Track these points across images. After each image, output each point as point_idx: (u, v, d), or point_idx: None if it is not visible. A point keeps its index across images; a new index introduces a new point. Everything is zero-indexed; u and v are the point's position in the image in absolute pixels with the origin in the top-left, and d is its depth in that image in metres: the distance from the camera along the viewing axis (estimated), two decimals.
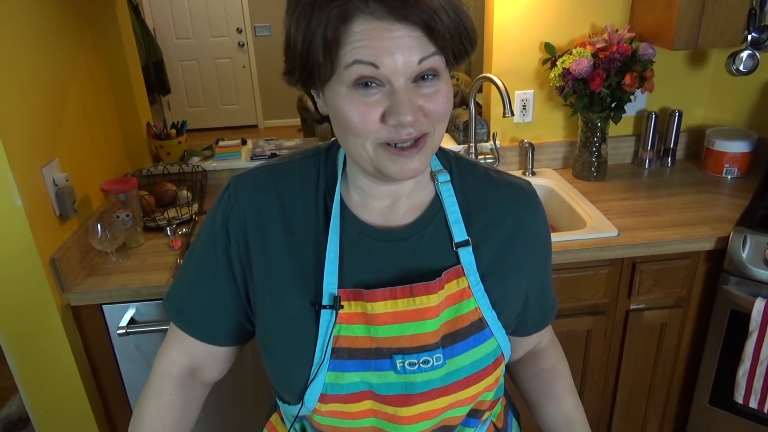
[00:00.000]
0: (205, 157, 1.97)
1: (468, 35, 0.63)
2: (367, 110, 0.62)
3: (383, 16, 0.58)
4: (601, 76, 1.75)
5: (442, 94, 0.64)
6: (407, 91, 0.61)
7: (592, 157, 1.94)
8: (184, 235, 1.66)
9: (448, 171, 0.78)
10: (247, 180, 0.77)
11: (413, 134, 0.63)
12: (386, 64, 0.59)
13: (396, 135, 0.62)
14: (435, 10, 0.58)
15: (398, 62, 0.59)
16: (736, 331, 1.58)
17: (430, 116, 0.64)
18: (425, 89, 0.62)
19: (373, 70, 0.59)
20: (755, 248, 1.51)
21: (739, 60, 1.79)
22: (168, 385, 0.81)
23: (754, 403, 1.57)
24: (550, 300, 0.89)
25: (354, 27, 0.59)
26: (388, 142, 0.64)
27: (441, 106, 0.64)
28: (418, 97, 0.62)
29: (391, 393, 0.73)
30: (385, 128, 0.62)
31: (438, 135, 0.67)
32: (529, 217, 0.79)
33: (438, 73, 0.63)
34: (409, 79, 0.61)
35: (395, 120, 0.61)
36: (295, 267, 0.74)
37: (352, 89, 0.61)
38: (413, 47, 0.59)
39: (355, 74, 0.60)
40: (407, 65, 0.59)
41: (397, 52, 0.59)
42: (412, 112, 0.61)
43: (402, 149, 0.64)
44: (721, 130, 1.99)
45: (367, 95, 0.61)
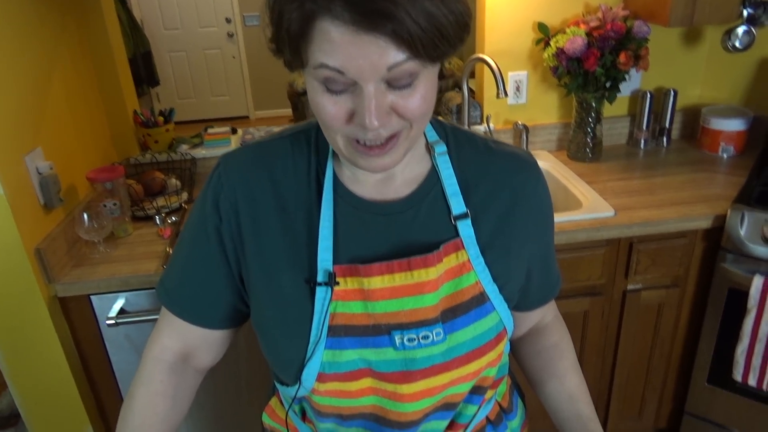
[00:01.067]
0: (194, 144, 1.93)
1: (446, 39, 0.56)
2: (336, 108, 0.59)
3: (348, 21, 0.53)
4: (595, 55, 1.72)
5: (418, 94, 0.59)
6: (377, 95, 0.57)
7: (587, 138, 1.92)
8: (174, 224, 1.63)
9: (445, 142, 0.75)
10: (238, 157, 0.75)
11: (382, 135, 0.60)
12: (352, 71, 0.55)
13: (363, 134, 0.60)
14: (402, 21, 0.52)
15: (365, 69, 0.55)
16: (735, 309, 1.57)
17: (405, 116, 0.60)
18: (400, 90, 0.58)
19: (340, 75, 0.56)
20: (753, 225, 1.50)
21: (735, 36, 1.77)
22: (159, 372, 0.79)
23: (753, 380, 1.56)
24: (554, 274, 0.86)
25: (319, 26, 0.55)
26: (357, 140, 0.61)
27: (416, 107, 0.60)
28: (392, 97, 0.58)
29: (390, 370, 0.71)
30: (352, 126, 0.60)
31: (416, 130, 0.63)
32: (530, 188, 0.77)
33: (416, 74, 0.58)
34: (381, 81, 0.57)
35: (361, 123, 0.58)
36: (288, 244, 0.72)
37: (322, 85, 0.58)
38: (382, 55, 0.54)
39: (322, 75, 0.57)
40: (376, 71, 0.55)
41: (363, 58, 0.54)
42: (379, 116, 0.57)
43: (370, 148, 0.61)
44: (716, 109, 1.97)
45: (335, 94, 0.58)
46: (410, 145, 0.65)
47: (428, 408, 0.75)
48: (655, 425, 1.90)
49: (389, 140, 0.61)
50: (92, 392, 1.55)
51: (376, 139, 0.60)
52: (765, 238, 1.48)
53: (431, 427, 0.78)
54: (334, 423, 0.77)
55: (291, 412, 0.82)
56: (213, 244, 0.74)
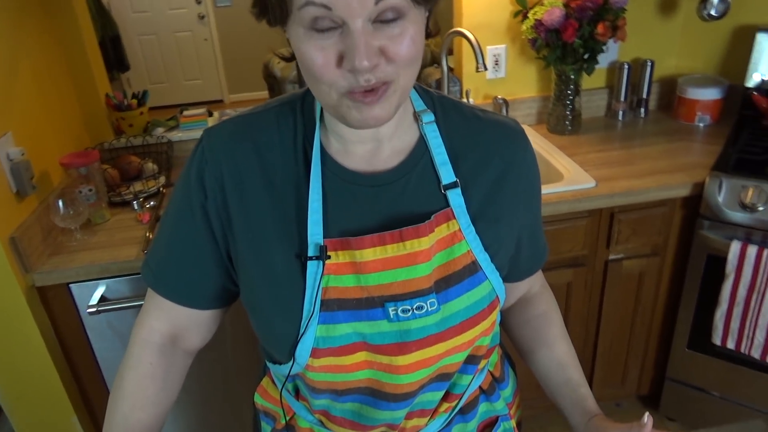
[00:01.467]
0: (169, 127, 1.89)
1: None
2: (324, 54, 0.57)
3: None
4: (573, 26, 1.72)
5: (407, 35, 0.58)
6: (365, 34, 0.55)
7: (566, 110, 1.92)
8: (153, 209, 1.60)
9: (432, 111, 0.74)
10: (221, 131, 0.72)
11: (372, 82, 0.58)
12: (339, 5, 0.54)
13: (354, 82, 0.58)
14: None
15: (352, 3, 0.54)
16: (713, 275, 1.60)
17: (394, 61, 0.58)
18: (388, 30, 0.57)
19: (327, 11, 0.54)
20: (730, 192, 1.52)
21: (711, 4, 1.78)
22: (148, 354, 0.77)
23: (732, 343, 1.60)
24: (541, 244, 0.87)
25: None
26: (350, 90, 0.59)
27: (406, 48, 0.58)
28: (380, 39, 0.57)
29: (385, 342, 0.70)
30: (343, 74, 0.58)
31: (405, 82, 0.61)
32: (519, 156, 0.76)
33: (402, 13, 0.57)
34: (368, 20, 0.55)
35: (350, 65, 0.56)
36: (277, 219, 0.70)
37: (309, 31, 0.57)
38: None
39: (308, 16, 0.55)
40: (363, 5, 0.54)
41: None
42: (368, 56, 0.56)
43: (364, 94, 0.59)
44: (692, 78, 1.99)
45: (323, 38, 0.57)
46: (400, 99, 0.63)
47: (424, 379, 0.74)
48: (638, 392, 1.94)
49: (381, 87, 0.60)
50: (76, 382, 1.53)
51: (367, 85, 0.58)
52: (742, 204, 1.50)
53: (427, 399, 0.78)
54: (328, 399, 0.76)
55: (284, 391, 0.82)
56: (198, 222, 0.72)
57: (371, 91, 0.59)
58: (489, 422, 0.89)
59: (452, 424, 0.84)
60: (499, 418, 0.89)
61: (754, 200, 1.48)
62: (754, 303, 1.52)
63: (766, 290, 1.49)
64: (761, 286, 1.49)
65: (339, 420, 0.78)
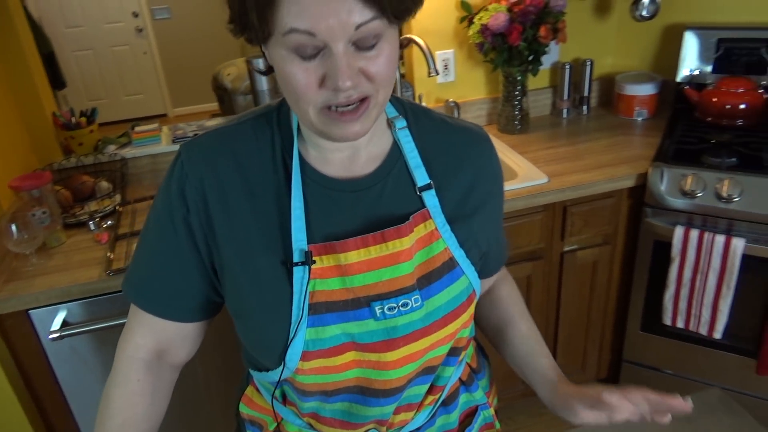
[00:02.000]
0: (121, 144, 1.85)
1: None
2: (307, 75, 0.60)
3: None
4: (518, 30, 1.79)
5: (384, 56, 0.62)
6: (346, 56, 0.59)
7: (514, 111, 2.00)
8: (110, 228, 1.56)
9: (404, 117, 0.77)
10: (200, 145, 0.74)
11: (353, 96, 0.61)
12: (323, 30, 0.57)
13: (335, 98, 0.61)
14: None
15: (335, 28, 0.57)
16: (660, 259, 1.70)
17: (373, 79, 0.62)
18: (367, 52, 0.60)
19: (310, 37, 0.57)
20: (671, 180, 1.62)
21: (642, 6, 1.90)
22: (134, 371, 0.77)
23: (681, 322, 1.70)
24: (504, 240, 0.92)
25: None
26: (329, 106, 0.62)
27: (383, 67, 0.62)
28: (359, 60, 0.60)
29: (373, 340, 0.73)
30: (324, 92, 0.61)
31: (382, 97, 0.65)
32: (486, 159, 0.81)
33: (380, 35, 0.60)
34: (348, 43, 0.59)
35: (333, 85, 0.59)
36: (260, 228, 0.72)
37: (291, 53, 0.60)
38: (350, 12, 0.56)
39: (293, 42, 0.58)
40: (345, 30, 0.57)
41: (332, 17, 0.56)
42: (350, 77, 0.59)
43: (342, 113, 0.63)
44: (629, 76, 2.11)
45: (306, 60, 0.60)
46: (378, 113, 0.66)
47: (411, 373, 0.77)
48: (597, 376, 2.03)
49: (360, 105, 0.63)
50: (39, 411, 1.47)
51: (348, 102, 0.62)
52: (683, 192, 1.61)
53: (413, 393, 0.81)
54: (318, 401, 0.78)
55: (273, 399, 0.83)
56: (181, 235, 0.73)
57: (353, 110, 0.62)
58: (469, 412, 0.93)
59: (436, 416, 0.88)
60: (478, 407, 0.93)
61: (693, 187, 1.59)
62: (698, 283, 1.62)
63: (708, 271, 1.59)
64: (704, 267, 1.60)
65: (329, 421, 0.79)
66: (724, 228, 1.59)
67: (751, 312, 1.63)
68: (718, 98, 1.83)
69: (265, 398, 0.86)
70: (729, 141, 1.72)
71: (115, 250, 1.45)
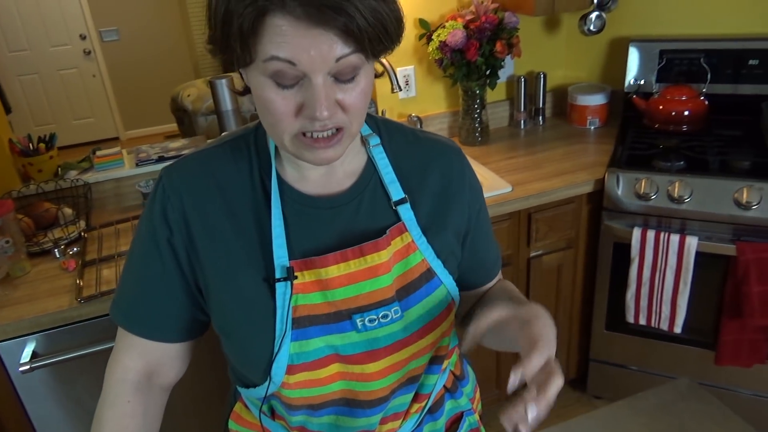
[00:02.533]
0: (83, 170, 1.81)
1: (389, 35, 0.62)
2: (285, 103, 0.62)
3: (301, 15, 0.57)
4: (475, 46, 1.86)
5: (359, 87, 0.64)
6: (325, 87, 0.61)
7: (474, 123, 2.07)
8: (77, 255, 1.53)
9: (378, 134, 0.80)
10: (180, 168, 0.76)
11: (328, 126, 0.63)
12: (303, 61, 0.59)
13: (310, 126, 0.63)
14: (352, 16, 0.57)
15: (316, 60, 0.59)
16: (621, 260, 1.78)
17: (347, 110, 0.64)
18: (344, 84, 0.63)
19: (291, 66, 0.59)
20: (627, 185, 1.71)
21: (590, 21, 2.00)
22: (125, 393, 0.77)
23: (643, 319, 1.79)
24: (494, 246, 0.93)
25: (271, 21, 0.58)
26: (304, 132, 0.64)
27: (358, 99, 0.64)
28: (337, 91, 0.62)
29: (356, 352, 0.75)
30: (300, 120, 0.63)
31: (355, 128, 0.67)
32: (457, 170, 0.83)
33: (358, 68, 0.63)
34: (327, 74, 0.61)
35: (311, 114, 0.62)
36: (242, 246, 0.74)
37: (271, 80, 0.61)
38: (331, 46, 0.58)
39: (273, 68, 0.60)
40: (325, 63, 0.59)
41: (314, 50, 0.58)
42: (327, 107, 0.61)
43: (316, 140, 0.65)
44: (580, 87, 2.21)
45: (285, 88, 0.62)
46: (351, 141, 0.69)
47: (395, 383, 0.79)
48: (567, 376, 2.08)
49: (334, 134, 0.65)
50: None
51: (323, 130, 0.64)
52: (638, 195, 1.70)
53: (399, 402, 0.83)
54: (305, 415, 0.79)
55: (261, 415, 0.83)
56: (166, 257, 0.74)
57: (327, 138, 0.65)
58: (455, 418, 0.95)
59: (423, 424, 0.90)
60: (464, 414, 0.96)
61: (647, 190, 1.68)
62: (657, 281, 1.71)
63: (666, 268, 1.68)
64: (662, 265, 1.69)
65: None
66: (678, 227, 1.68)
67: (707, 306, 1.73)
68: (663, 106, 1.94)
69: (253, 414, 0.87)
70: (676, 146, 1.83)
71: (84, 277, 1.42)
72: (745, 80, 1.91)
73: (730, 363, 1.72)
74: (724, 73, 1.93)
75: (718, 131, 1.90)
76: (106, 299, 1.32)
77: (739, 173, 1.65)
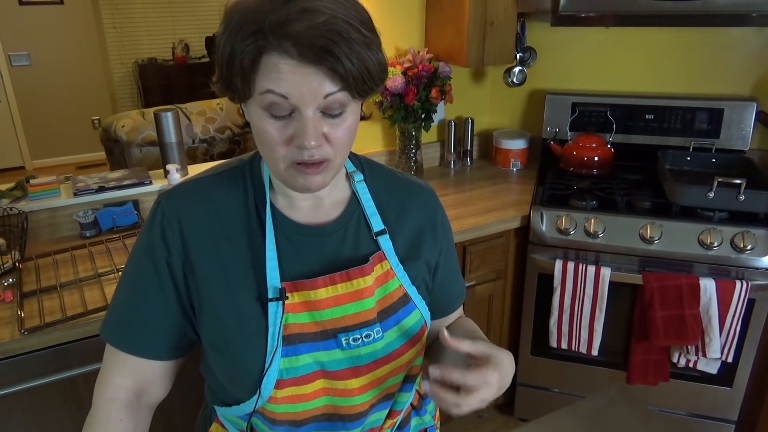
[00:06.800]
0: (15, 198, 1.75)
1: (372, 78, 0.71)
2: (279, 133, 0.70)
3: (295, 55, 0.66)
4: (413, 91, 2.01)
5: (345, 123, 0.72)
6: (314, 120, 0.69)
7: (410, 162, 2.21)
8: (12, 286, 1.47)
9: (361, 171, 0.89)
10: (178, 193, 0.82)
11: (315, 157, 0.71)
12: (295, 96, 0.67)
13: (300, 156, 0.71)
14: (338, 57, 0.66)
15: (306, 96, 0.67)
16: (544, 289, 1.95)
17: (333, 144, 0.72)
18: (331, 119, 0.71)
19: (284, 100, 0.68)
20: (549, 221, 1.90)
21: (513, 74, 2.22)
22: (116, 411, 0.79)
23: (564, 344, 1.96)
24: (459, 279, 1.01)
25: (268, 60, 0.67)
26: (295, 161, 0.72)
27: (343, 134, 0.72)
28: (325, 125, 0.71)
29: (340, 368, 0.82)
30: (291, 149, 0.71)
31: (339, 161, 0.75)
32: (431, 210, 0.94)
33: (345, 105, 0.71)
34: (316, 109, 0.69)
35: (299, 143, 0.70)
36: (236, 267, 0.80)
37: (266, 112, 0.70)
38: (320, 83, 0.67)
39: (268, 101, 0.68)
40: (315, 98, 0.68)
41: (305, 86, 0.67)
42: (315, 138, 0.69)
43: (306, 165, 0.72)
44: (503, 132, 2.42)
45: (278, 119, 0.70)
46: (335, 172, 0.77)
47: (373, 399, 0.87)
48: (495, 402, 2.21)
49: (321, 163, 0.73)
50: None
51: (311, 160, 0.71)
52: (559, 230, 1.89)
53: (375, 418, 0.90)
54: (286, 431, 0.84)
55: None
56: (163, 276, 0.79)
57: (313, 164, 0.73)
58: None
59: None
60: (427, 430, 1.04)
61: (567, 226, 1.87)
62: (576, 308, 1.89)
63: (584, 296, 1.87)
64: (580, 293, 1.87)
65: None
66: (593, 259, 1.88)
67: (619, 330, 1.93)
68: (576, 152, 2.18)
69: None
70: (589, 187, 2.06)
71: (25, 308, 1.37)
72: (643, 132, 2.20)
73: (640, 381, 1.92)
74: (626, 125, 2.21)
75: (622, 175, 2.15)
76: (51, 330, 1.29)
77: (643, 212, 1.89)
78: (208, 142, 2.70)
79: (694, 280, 1.75)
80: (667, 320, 1.78)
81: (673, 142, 2.18)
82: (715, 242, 1.75)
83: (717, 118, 2.10)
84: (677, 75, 2.20)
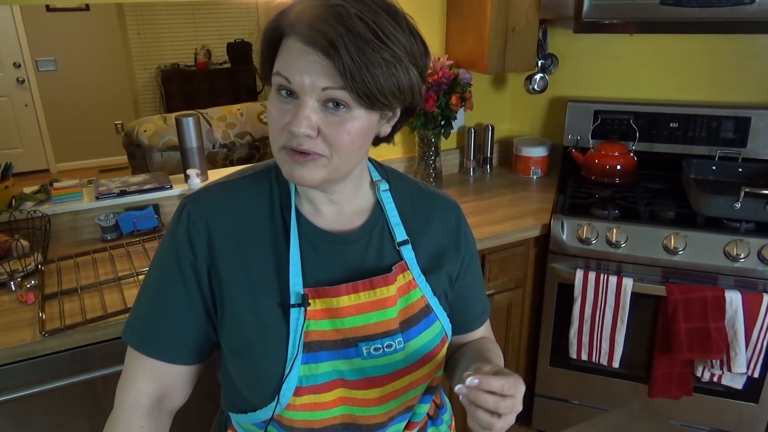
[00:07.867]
0: (39, 201, 1.77)
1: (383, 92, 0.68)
2: (280, 115, 0.72)
3: (303, 40, 0.68)
4: (433, 98, 2.00)
5: (345, 126, 0.70)
6: (311, 110, 0.69)
7: (429, 169, 2.19)
8: (35, 288, 1.49)
9: (386, 180, 0.89)
10: (204, 196, 0.81)
11: (303, 146, 0.70)
12: (296, 81, 0.69)
13: (289, 142, 0.71)
14: (340, 54, 0.65)
15: (305, 82, 0.68)
16: (564, 299, 1.92)
17: (329, 143, 0.71)
18: (330, 115, 0.71)
19: (287, 83, 0.70)
20: (570, 230, 1.87)
21: (534, 81, 2.20)
22: (138, 418, 0.79)
23: (585, 355, 1.92)
24: (483, 295, 1.00)
25: (285, 41, 0.70)
26: (285, 145, 0.72)
27: (339, 136, 0.71)
28: (323, 119, 0.70)
29: (359, 377, 0.81)
30: (284, 133, 0.72)
31: (337, 163, 0.73)
32: (455, 222, 0.93)
33: (347, 106, 0.70)
34: (317, 101, 0.70)
35: (289, 126, 0.70)
36: (260, 271, 0.79)
37: (276, 93, 0.72)
38: (321, 74, 0.68)
39: (277, 82, 0.71)
40: (313, 88, 0.68)
41: (306, 73, 0.68)
42: (306, 126, 0.69)
43: (294, 152, 0.72)
44: (523, 140, 2.40)
45: (283, 102, 0.71)
46: (331, 175, 0.75)
47: (393, 411, 0.86)
48: None
49: (308, 154, 0.71)
50: None
51: (297, 148, 0.71)
52: (580, 239, 1.86)
53: (393, 430, 0.89)
54: None
55: None
56: (188, 279, 0.79)
57: (300, 153, 0.72)
58: None
59: None
60: None
61: (588, 235, 1.84)
62: (597, 319, 1.86)
63: (605, 307, 1.84)
64: (601, 304, 1.84)
65: None
66: (615, 270, 1.85)
67: (641, 342, 1.89)
68: (598, 160, 2.15)
69: None
70: (611, 196, 2.02)
71: (46, 310, 1.38)
72: (667, 140, 2.16)
73: (662, 395, 1.87)
74: (650, 133, 2.17)
75: (645, 184, 2.12)
76: (71, 332, 1.30)
77: (667, 222, 1.85)
78: (228, 147, 2.73)
79: (719, 292, 1.71)
80: (691, 333, 1.74)
81: (697, 151, 2.14)
82: (741, 254, 1.70)
83: (743, 126, 2.06)
84: (702, 82, 2.16)
